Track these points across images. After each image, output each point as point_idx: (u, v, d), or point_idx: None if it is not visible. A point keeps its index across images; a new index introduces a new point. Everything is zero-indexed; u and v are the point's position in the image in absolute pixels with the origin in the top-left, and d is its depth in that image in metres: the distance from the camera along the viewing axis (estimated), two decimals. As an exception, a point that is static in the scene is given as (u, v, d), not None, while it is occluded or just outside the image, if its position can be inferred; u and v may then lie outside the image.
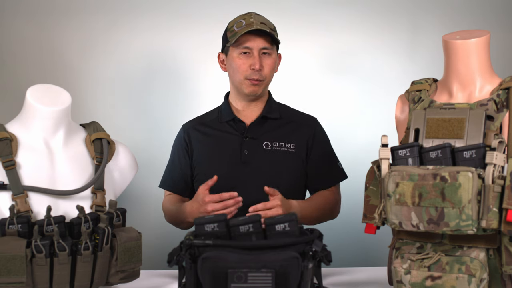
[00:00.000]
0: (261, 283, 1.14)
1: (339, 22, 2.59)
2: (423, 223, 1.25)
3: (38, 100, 1.52)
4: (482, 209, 1.21)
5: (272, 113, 1.90)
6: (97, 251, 1.40)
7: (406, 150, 1.34)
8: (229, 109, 1.90)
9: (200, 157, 1.88)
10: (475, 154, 1.26)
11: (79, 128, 1.62)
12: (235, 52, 1.82)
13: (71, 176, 1.52)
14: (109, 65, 2.56)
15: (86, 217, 1.40)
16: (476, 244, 1.28)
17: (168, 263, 1.21)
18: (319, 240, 1.24)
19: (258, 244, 1.18)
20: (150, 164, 2.37)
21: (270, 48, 1.82)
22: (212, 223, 1.23)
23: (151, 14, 2.57)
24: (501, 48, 2.53)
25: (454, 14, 2.59)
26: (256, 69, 1.79)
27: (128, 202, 2.30)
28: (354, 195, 2.08)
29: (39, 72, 2.51)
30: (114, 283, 1.47)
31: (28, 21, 2.52)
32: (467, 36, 1.43)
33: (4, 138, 1.47)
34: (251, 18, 1.81)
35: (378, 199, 1.37)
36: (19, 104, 1.57)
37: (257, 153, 1.83)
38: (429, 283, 1.24)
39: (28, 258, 1.32)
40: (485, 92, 1.41)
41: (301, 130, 1.90)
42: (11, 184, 1.43)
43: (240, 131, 1.87)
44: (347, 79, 2.61)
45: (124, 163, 1.67)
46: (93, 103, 2.55)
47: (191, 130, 1.92)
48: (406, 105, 1.54)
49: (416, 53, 2.60)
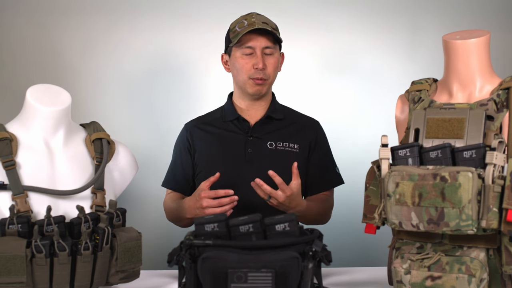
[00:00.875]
0: (261, 283, 1.14)
1: (339, 22, 2.59)
2: (423, 223, 1.25)
3: (38, 100, 1.52)
4: (482, 209, 1.21)
5: (277, 114, 1.90)
6: (97, 251, 1.40)
7: (406, 150, 1.34)
8: (233, 108, 1.90)
9: (203, 155, 1.88)
10: (475, 154, 1.26)
11: (79, 128, 1.62)
12: (238, 52, 1.82)
13: (71, 176, 1.52)
14: (109, 65, 2.56)
15: (86, 217, 1.40)
16: (476, 244, 1.28)
17: (168, 263, 1.21)
18: (319, 240, 1.24)
19: (258, 244, 1.18)
20: (150, 164, 2.37)
21: (273, 47, 1.82)
22: (212, 223, 1.23)
23: (151, 14, 2.57)
24: (501, 48, 2.53)
25: (454, 14, 2.59)
26: (259, 68, 1.79)
27: (128, 202, 2.30)
28: (354, 195, 2.08)
29: (39, 72, 2.50)
30: (114, 283, 1.47)
31: (28, 21, 2.52)
32: (467, 36, 1.43)
33: (4, 138, 1.47)
34: (252, 18, 1.81)
35: (378, 199, 1.37)
36: (19, 104, 1.57)
37: (261, 152, 1.83)
38: (429, 283, 1.24)
39: (28, 258, 1.32)
40: (485, 92, 1.41)
41: (304, 132, 1.90)
42: (11, 184, 1.43)
43: (244, 130, 1.87)
44: (347, 79, 2.61)
45: (124, 163, 1.67)
46: (93, 103, 2.55)
47: (194, 129, 1.93)
48: (406, 105, 1.54)
49: (416, 53, 2.60)
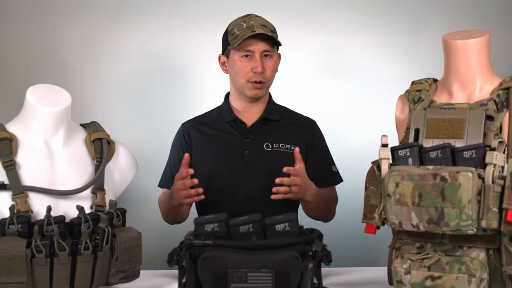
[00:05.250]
0: (261, 283, 1.14)
1: (339, 22, 2.59)
2: (423, 223, 1.25)
3: (38, 100, 1.52)
4: (482, 209, 1.21)
5: (273, 115, 1.90)
6: (97, 251, 1.40)
7: (406, 150, 1.34)
8: (230, 109, 1.90)
9: (200, 157, 1.88)
10: (475, 154, 1.26)
11: (79, 128, 1.62)
12: (237, 55, 1.82)
13: (71, 176, 1.52)
14: (109, 65, 2.56)
15: (86, 217, 1.40)
16: (476, 244, 1.28)
17: (168, 263, 1.21)
18: (319, 240, 1.24)
19: (258, 244, 1.18)
20: (150, 164, 2.36)
21: (271, 50, 1.82)
22: (212, 223, 1.23)
23: (151, 14, 2.56)
24: (501, 48, 2.53)
25: (454, 14, 2.59)
26: (258, 72, 1.79)
27: (128, 202, 2.29)
28: (354, 195, 2.08)
29: (39, 72, 2.50)
30: (114, 283, 1.47)
31: (28, 21, 2.52)
32: (467, 36, 1.43)
33: (4, 138, 1.47)
34: (251, 20, 1.80)
35: (378, 199, 1.37)
36: (19, 104, 1.57)
37: (258, 154, 1.83)
38: (429, 283, 1.24)
39: (28, 258, 1.32)
40: (485, 92, 1.41)
41: (301, 132, 1.90)
42: (11, 184, 1.43)
43: (241, 132, 1.87)
44: (347, 79, 2.61)
45: (124, 163, 1.67)
46: (93, 103, 2.55)
47: (192, 129, 1.92)
48: (406, 105, 1.54)
49: (416, 53, 2.60)
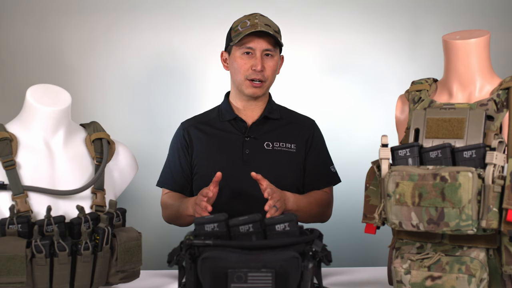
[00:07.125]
0: (261, 283, 1.14)
1: (339, 22, 2.59)
2: (423, 223, 1.25)
3: (38, 100, 1.52)
4: (482, 209, 1.21)
5: (273, 114, 1.90)
6: (97, 251, 1.39)
7: (406, 150, 1.34)
8: (230, 108, 1.90)
9: (201, 155, 1.88)
10: (475, 154, 1.26)
11: (79, 128, 1.62)
12: (238, 52, 1.82)
13: (71, 176, 1.52)
14: (109, 65, 2.56)
15: (86, 217, 1.40)
16: (476, 244, 1.28)
17: (168, 263, 1.21)
18: (319, 240, 1.24)
19: (258, 244, 1.18)
20: (150, 164, 2.36)
21: (273, 50, 1.82)
22: (212, 223, 1.23)
23: (151, 14, 2.57)
24: (501, 48, 2.53)
25: (454, 14, 2.59)
26: (258, 70, 1.79)
27: (128, 202, 2.30)
28: (354, 195, 2.08)
29: (39, 72, 2.50)
30: (114, 283, 1.47)
31: (28, 21, 2.52)
32: (467, 36, 1.43)
33: (4, 138, 1.47)
34: (256, 19, 1.81)
35: (378, 199, 1.37)
36: (19, 104, 1.57)
37: (259, 153, 1.84)
38: (429, 283, 1.24)
39: (28, 258, 1.32)
40: (485, 92, 1.41)
41: (301, 131, 1.90)
42: (11, 184, 1.43)
43: (241, 131, 1.87)
44: (347, 79, 2.61)
45: (124, 163, 1.67)
46: (93, 103, 2.55)
47: (191, 128, 1.92)
48: (406, 105, 1.54)
49: (416, 53, 2.60)
